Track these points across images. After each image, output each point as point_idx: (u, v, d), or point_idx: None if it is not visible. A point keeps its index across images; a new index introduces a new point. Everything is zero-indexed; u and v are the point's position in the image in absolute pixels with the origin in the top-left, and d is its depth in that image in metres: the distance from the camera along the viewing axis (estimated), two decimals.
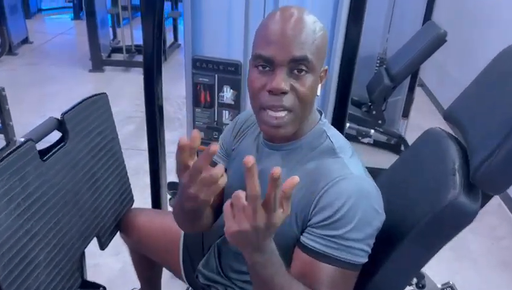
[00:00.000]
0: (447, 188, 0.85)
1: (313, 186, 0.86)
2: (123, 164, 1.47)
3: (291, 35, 0.82)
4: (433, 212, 0.84)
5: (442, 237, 0.87)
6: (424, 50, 2.34)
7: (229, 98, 1.54)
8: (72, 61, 4.87)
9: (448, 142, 0.96)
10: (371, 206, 0.83)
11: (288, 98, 0.84)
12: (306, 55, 0.82)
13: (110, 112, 1.40)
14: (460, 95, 1.01)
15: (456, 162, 0.89)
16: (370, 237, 0.84)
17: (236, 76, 1.50)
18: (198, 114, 1.60)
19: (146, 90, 1.56)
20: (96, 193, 1.30)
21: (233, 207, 0.68)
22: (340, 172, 0.85)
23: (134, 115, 3.60)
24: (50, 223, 1.10)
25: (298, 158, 0.92)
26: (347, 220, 0.81)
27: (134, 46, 4.84)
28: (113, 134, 1.41)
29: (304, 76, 0.84)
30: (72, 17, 6.61)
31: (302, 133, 0.93)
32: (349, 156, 0.90)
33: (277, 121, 0.85)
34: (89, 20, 4.37)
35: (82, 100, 1.26)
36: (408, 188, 1.00)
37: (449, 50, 2.78)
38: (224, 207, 0.69)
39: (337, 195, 0.82)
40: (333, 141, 0.92)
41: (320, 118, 0.96)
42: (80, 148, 1.23)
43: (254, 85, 0.86)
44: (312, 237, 0.84)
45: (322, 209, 0.83)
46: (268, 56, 0.82)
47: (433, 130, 1.05)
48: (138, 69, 4.57)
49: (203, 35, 1.50)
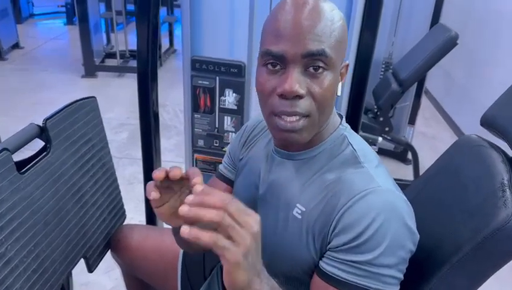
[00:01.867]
0: (496, 207, 0.72)
1: (332, 202, 0.72)
2: (114, 176, 1.32)
3: (305, 26, 0.68)
4: (480, 238, 0.71)
5: (490, 266, 0.74)
6: (435, 53, 2.22)
7: (232, 103, 1.40)
8: (64, 66, 4.73)
9: (491, 152, 0.83)
10: (403, 224, 0.69)
11: (303, 103, 0.70)
12: (323, 49, 0.68)
13: (100, 118, 1.25)
14: (500, 98, 0.88)
15: (504, 175, 0.75)
16: (403, 262, 0.71)
17: (240, 78, 1.36)
18: (198, 120, 1.46)
19: (140, 97, 1.43)
20: (83, 209, 1.15)
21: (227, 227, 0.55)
22: (366, 185, 0.71)
23: (128, 122, 3.46)
24: (28, 246, 0.95)
25: (315, 168, 0.79)
26: (375, 243, 0.67)
27: (128, 51, 4.71)
28: (103, 142, 1.26)
29: (321, 74, 0.70)
30: (65, 22, 6.48)
31: (320, 140, 0.79)
32: (375, 165, 0.76)
33: (291, 125, 0.71)
34: (82, 25, 4.24)
35: (68, 104, 1.12)
36: (444, 207, 0.86)
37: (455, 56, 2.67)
38: (212, 242, 0.55)
39: (363, 213, 0.68)
40: (356, 149, 0.78)
41: (340, 122, 0.83)
42: (65, 159, 1.09)
43: (263, 88, 0.73)
44: (333, 263, 0.71)
45: (344, 230, 0.69)
46: (279, 52, 0.69)
47: (469, 137, 0.92)
48: (132, 74, 4.44)
49: (203, 33, 1.36)
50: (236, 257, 0.55)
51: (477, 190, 0.78)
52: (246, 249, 0.56)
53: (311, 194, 0.77)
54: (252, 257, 0.58)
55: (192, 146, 1.52)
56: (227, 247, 0.55)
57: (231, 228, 0.55)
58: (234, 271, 0.56)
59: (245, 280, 0.58)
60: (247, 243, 0.56)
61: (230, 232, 0.55)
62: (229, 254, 0.55)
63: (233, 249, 0.55)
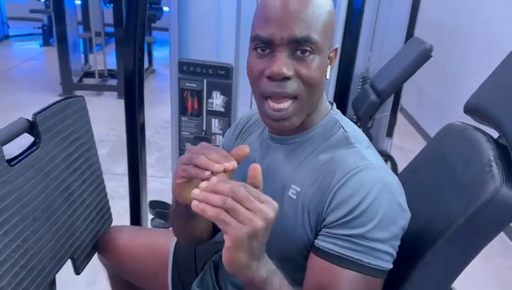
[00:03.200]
0: (484, 181, 0.74)
1: (326, 180, 0.74)
2: (101, 177, 1.31)
3: (292, 11, 0.71)
4: (471, 210, 0.73)
5: (482, 238, 0.76)
6: (411, 64, 2.30)
7: (219, 105, 1.42)
8: (41, 86, 4.67)
9: (476, 133, 0.87)
10: (395, 200, 0.72)
11: (291, 84, 0.73)
12: (309, 35, 0.71)
13: (88, 117, 1.25)
14: (480, 88, 0.92)
15: (490, 152, 0.79)
16: (395, 238, 0.73)
17: (227, 80, 1.38)
18: (185, 123, 1.47)
19: (127, 115, 1.47)
20: (72, 208, 1.13)
21: (230, 209, 0.58)
22: (358, 162, 0.73)
23: (107, 139, 3.43)
24: (17, 240, 0.93)
25: (309, 151, 0.81)
26: (369, 216, 0.69)
27: (107, 70, 4.69)
28: (91, 142, 1.25)
29: (308, 57, 0.73)
30: (41, 44, 6.42)
31: (312, 123, 0.82)
32: (366, 146, 0.79)
33: (280, 114, 0.74)
34: (60, 44, 4.22)
35: (57, 101, 1.12)
36: (435, 188, 0.89)
37: (428, 72, 2.78)
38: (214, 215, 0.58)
39: (356, 188, 0.70)
40: (348, 131, 0.81)
41: (332, 107, 0.86)
42: (54, 155, 1.07)
43: (253, 71, 0.75)
44: (328, 239, 0.72)
45: (339, 206, 0.71)
46: (266, 36, 0.71)
47: (454, 124, 0.95)
48: (111, 92, 4.43)
49: (190, 36, 1.39)
50: (238, 233, 0.57)
51: (466, 168, 0.82)
52: (251, 229, 0.57)
53: (306, 174, 0.78)
54: (257, 242, 0.59)
55: (179, 149, 1.52)
56: (228, 221, 0.57)
57: (233, 211, 0.58)
58: (234, 248, 0.58)
59: (243, 261, 0.60)
60: (253, 225, 0.57)
61: (234, 215, 0.58)
62: (231, 230, 0.57)
63: (235, 225, 0.57)
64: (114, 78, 4.60)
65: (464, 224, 0.74)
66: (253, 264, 0.62)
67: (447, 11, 3.76)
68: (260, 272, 0.64)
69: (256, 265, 0.63)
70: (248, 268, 0.62)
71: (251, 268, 0.62)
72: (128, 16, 1.34)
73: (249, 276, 0.63)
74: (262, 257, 0.64)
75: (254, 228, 0.57)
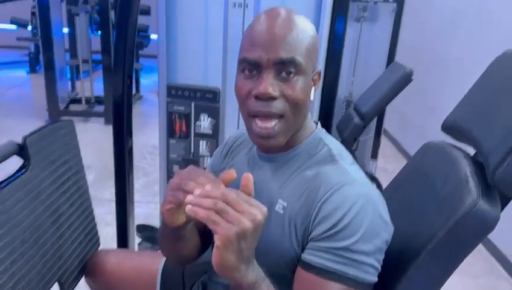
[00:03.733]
0: (462, 196, 0.78)
1: (312, 195, 0.77)
2: (89, 201, 1.31)
3: (277, 35, 0.75)
4: (451, 223, 0.77)
5: (462, 250, 0.79)
6: (393, 87, 2.36)
7: (207, 128, 1.45)
8: (27, 113, 4.64)
9: (453, 150, 0.91)
10: (378, 214, 0.75)
11: (277, 104, 0.77)
12: (294, 57, 0.75)
13: (76, 141, 1.26)
14: (457, 107, 0.97)
15: (467, 168, 0.83)
16: (379, 251, 0.75)
17: (215, 104, 1.42)
18: (173, 145, 1.49)
19: (115, 140, 1.50)
20: (60, 230, 1.14)
21: (220, 211, 0.61)
22: (342, 178, 0.77)
23: (93, 165, 3.42)
24: (5, 262, 0.93)
25: (295, 167, 0.84)
26: (353, 229, 0.72)
27: (94, 97, 4.70)
28: (79, 166, 1.27)
29: (293, 78, 0.77)
30: (28, 71, 6.42)
31: (298, 141, 0.85)
32: (350, 163, 0.83)
33: (267, 132, 0.78)
34: (47, 71, 4.23)
35: (47, 124, 1.13)
36: (416, 204, 0.92)
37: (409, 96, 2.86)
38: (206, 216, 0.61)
39: (341, 202, 0.73)
40: (332, 148, 0.84)
41: (316, 126, 0.89)
42: (43, 178, 1.08)
43: (240, 91, 0.79)
44: (314, 252, 0.74)
45: (324, 219, 0.74)
46: (253, 58, 0.76)
47: (432, 142, 1.00)
48: (98, 119, 4.42)
49: (178, 61, 1.43)
50: (228, 233, 0.60)
51: (445, 184, 0.85)
52: (240, 229, 0.60)
53: (292, 189, 0.81)
54: (246, 244, 0.62)
55: (167, 172, 1.53)
56: (218, 221, 0.60)
57: (224, 212, 0.61)
58: (223, 248, 0.60)
59: (232, 262, 0.62)
60: (242, 225, 0.60)
61: (224, 216, 0.61)
62: (220, 229, 0.60)
63: (225, 225, 0.60)
64: (101, 104, 4.61)
65: (445, 237, 0.77)
66: (242, 268, 0.64)
67: (425, 38, 3.90)
68: (249, 276, 0.66)
69: (245, 269, 0.65)
70: (237, 271, 0.64)
71: (240, 271, 0.65)
72: (117, 43, 1.38)
73: (237, 279, 0.65)
74: (251, 262, 0.67)
75: (242, 228, 0.60)
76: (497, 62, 0.89)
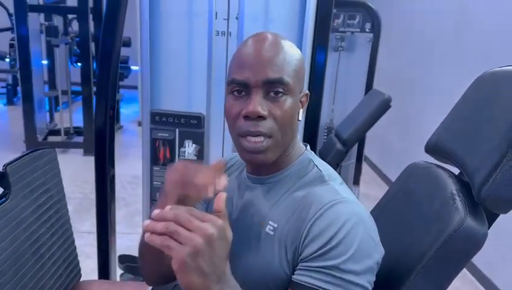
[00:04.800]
0: (449, 214, 0.79)
1: (303, 214, 0.77)
2: (70, 230, 1.28)
3: (265, 56, 0.77)
4: (440, 241, 0.77)
5: (453, 268, 0.79)
6: (372, 114, 2.42)
7: (191, 154, 1.44)
8: (4, 144, 4.55)
9: (437, 170, 0.92)
10: (368, 234, 0.74)
11: (266, 123, 0.78)
12: (282, 76, 0.77)
13: (58, 169, 1.24)
14: (439, 128, 0.99)
15: (453, 187, 0.84)
16: (370, 272, 0.74)
17: (199, 129, 1.42)
18: (157, 173, 1.48)
19: (97, 170, 1.49)
20: (40, 262, 1.10)
21: (172, 233, 0.59)
22: (333, 197, 0.77)
23: (73, 197, 3.35)
24: None
25: (285, 189, 0.84)
26: (344, 247, 0.71)
27: (73, 127, 4.65)
28: (60, 194, 1.24)
29: (281, 98, 0.78)
30: (5, 103, 6.33)
31: (287, 163, 0.86)
32: (339, 183, 0.83)
33: (255, 146, 0.78)
34: (26, 103, 4.18)
35: (27, 152, 1.11)
36: (404, 225, 0.93)
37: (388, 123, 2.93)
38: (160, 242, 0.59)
39: (332, 220, 0.73)
40: (321, 169, 0.85)
41: (306, 148, 0.90)
42: (24, 207, 1.05)
43: (230, 112, 0.80)
44: (304, 272, 0.73)
45: (315, 238, 0.73)
46: (242, 79, 0.77)
47: (416, 163, 1.01)
48: (77, 150, 4.36)
49: (162, 88, 1.43)
50: (180, 255, 0.58)
51: (432, 203, 0.86)
52: (192, 249, 0.58)
53: (282, 210, 0.81)
54: (204, 261, 0.59)
55: (150, 200, 1.51)
56: (172, 246, 0.58)
57: (175, 233, 0.59)
58: (181, 271, 0.59)
59: (198, 283, 0.59)
60: (193, 243, 0.58)
61: (176, 237, 0.59)
62: (174, 253, 0.58)
63: (178, 248, 0.58)
64: (80, 135, 4.55)
65: (434, 255, 0.78)
66: (213, 286, 0.61)
67: (403, 66, 4.02)
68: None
69: (219, 288, 0.62)
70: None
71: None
72: (101, 75, 1.39)
73: None
74: (223, 280, 0.63)
75: (194, 246, 0.58)
76: (477, 83, 0.92)
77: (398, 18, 4.11)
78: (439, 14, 3.35)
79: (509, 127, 0.75)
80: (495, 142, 0.76)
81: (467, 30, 2.93)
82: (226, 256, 0.63)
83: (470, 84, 0.95)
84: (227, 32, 1.44)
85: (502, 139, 0.75)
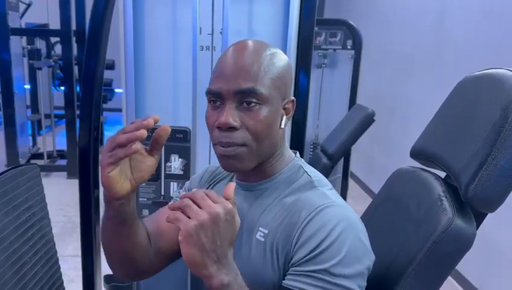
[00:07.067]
0: (438, 215, 0.79)
1: (293, 219, 0.76)
2: (54, 249, 1.25)
3: (238, 65, 0.77)
4: (429, 243, 0.77)
5: (443, 270, 0.79)
6: (357, 128, 2.45)
7: (177, 168, 1.43)
8: None
9: (424, 173, 0.93)
10: (359, 239, 0.74)
11: (238, 134, 0.77)
12: (254, 87, 0.76)
13: (41, 186, 1.22)
14: (423, 133, 1.00)
15: (440, 189, 0.84)
16: (361, 276, 0.74)
17: (185, 144, 1.41)
18: (142, 189, 1.45)
19: (82, 193, 1.47)
20: (22, 281, 1.06)
21: (185, 207, 0.66)
22: (323, 201, 0.77)
23: (56, 220, 3.28)
24: None
25: (275, 195, 0.83)
26: (334, 251, 0.71)
27: (56, 151, 4.59)
28: (44, 212, 1.21)
29: (254, 108, 0.77)
30: None
31: (277, 170, 0.85)
32: (329, 189, 0.83)
33: (226, 152, 0.78)
34: (8, 127, 4.14)
35: (9, 168, 1.09)
36: (393, 229, 0.93)
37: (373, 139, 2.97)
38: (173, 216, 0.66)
39: (323, 223, 0.73)
40: (311, 175, 0.84)
41: (295, 155, 0.90)
42: (5, 224, 1.02)
43: (208, 122, 0.81)
44: (294, 277, 0.72)
45: (306, 242, 0.73)
46: (215, 89, 0.77)
47: (403, 168, 1.02)
48: (60, 173, 4.30)
49: (146, 102, 1.42)
50: (186, 226, 0.64)
51: (420, 206, 0.86)
52: (197, 222, 0.64)
53: (273, 216, 0.80)
54: (205, 236, 0.64)
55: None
56: (180, 217, 0.65)
57: (187, 207, 0.65)
58: (184, 242, 0.64)
59: (198, 257, 0.64)
60: (199, 218, 0.64)
61: (187, 211, 0.65)
62: (181, 224, 0.64)
63: (185, 220, 0.64)
64: (63, 158, 4.49)
65: (425, 257, 0.77)
66: (211, 266, 0.65)
67: (385, 82, 4.09)
68: (220, 276, 0.66)
69: (216, 268, 0.66)
70: (204, 268, 0.65)
71: (207, 268, 0.65)
72: (84, 97, 1.39)
73: (206, 277, 0.66)
74: (224, 264, 0.67)
75: (199, 220, 0.64)
76: (458, 87, 0.94)
77: (378, 35, 4.21)
78: (417, 31, 3.44)
79: (492, 127, 0.76)
80: (479, 142, 0.78)
81: (444, 46, 3.01)
82: (230, 240, 0.68)
83: None
84: (211, 47, 1.45)
85: (485, 138, 0.76)
